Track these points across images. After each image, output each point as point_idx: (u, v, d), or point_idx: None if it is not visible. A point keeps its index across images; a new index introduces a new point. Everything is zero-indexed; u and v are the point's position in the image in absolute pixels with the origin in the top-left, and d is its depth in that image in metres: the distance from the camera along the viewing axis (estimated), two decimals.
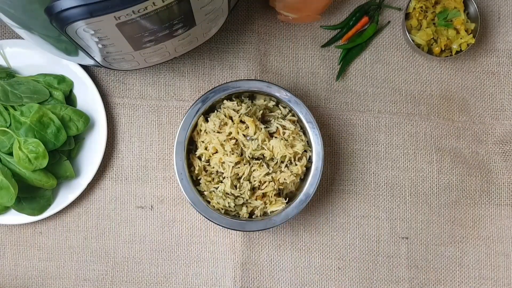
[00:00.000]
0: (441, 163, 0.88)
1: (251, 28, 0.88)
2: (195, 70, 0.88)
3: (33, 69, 0.84)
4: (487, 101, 0.89)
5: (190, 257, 0.85)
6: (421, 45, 0.85)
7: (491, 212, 0.87)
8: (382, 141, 0.88)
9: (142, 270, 0.85)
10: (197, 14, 0.66)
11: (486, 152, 0.88)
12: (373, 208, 0.87)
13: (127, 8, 0.56)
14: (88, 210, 0.85)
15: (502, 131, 0.88)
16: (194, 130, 0.80)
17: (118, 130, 0.86)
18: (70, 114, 0.81)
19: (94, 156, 0.83)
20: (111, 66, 0.77)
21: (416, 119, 0.88)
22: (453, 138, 0.88)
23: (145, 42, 0.67)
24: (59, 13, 0.57)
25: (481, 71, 0.89)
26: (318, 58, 0.88)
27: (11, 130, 0.78)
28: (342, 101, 0.88)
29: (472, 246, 0.87)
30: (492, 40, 0.90)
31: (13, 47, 0.84)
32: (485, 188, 0.87)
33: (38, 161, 0.77)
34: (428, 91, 0.88)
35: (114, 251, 0.85)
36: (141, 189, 0.86)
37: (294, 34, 0.88)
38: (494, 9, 0.90)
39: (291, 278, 0.85)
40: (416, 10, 0.85)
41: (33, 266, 0.85)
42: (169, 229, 0.86)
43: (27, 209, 0.81)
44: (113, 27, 0.60)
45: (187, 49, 0.78)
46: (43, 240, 0.85)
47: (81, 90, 0.84)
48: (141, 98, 0.87)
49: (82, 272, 0.85)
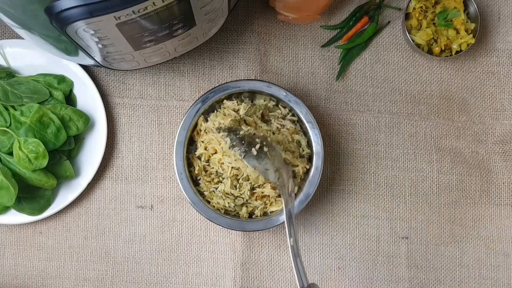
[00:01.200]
0: (441, 163, 0.88)
1: (251, 28, 0.88)
2: (195, 70, 0.88)
3: (33, 69, 0.84)
4: (487, 101, 0.89)
5: (190, 257, 0.85)
6: (421, 45, 0.85)
7: (491, 212, 0.87)
8: (382, 141, 0.88)
9: (142, 270, 0.85)
10: (197, 14, 0.66)
11: (486, 152, 0.88)
12: (373, 208, 0.87)
13: (127, 8, 0.56)
14: (88, 210, 0.85)
15: (502, 131, 0.88)
16: (194, 130, 0.80)
17: (118, 130, 0.86)
18: (70, 114, 0.81)
19: (94, 156, 0.83)
20: (111, 66, 0.77)
21: (416, 119, 0.88)
22: (453, 138, 0.88)
23: (145, 42, 0.67)
24: (59, 13, 0.57)
25: (481, 71, 0.89)
26: (318, 58, 0.88)
27: (11, 130, 0.78)
28: (342, 101, 0.88)
29: (472, 246, 0.87)
30: (492, 40, 0.90)
31: (13, 47, 0.84)
32: (485, 188, 0.87)
33: (38, 161, 0.77)
34: (428, 91, 0.88)
35: (114, 251, 0.85)
36: (141, 189, 0.86)
37: (294, 34, 0.88)
38: (494, 9, 0.90)
39: (291, 278, 0.85)
40: (416, 10, 0.85)
41: (33, 266, 0.85)
42: (169, 229, 0.86)
43: (27, 209, 0.81)
44: (113, 27, 0.60)
45: (187, 49, 0.78)
46: (43, 240, 0.85)
47: (81, 90, 0.84)
48: (141, 98, 0.87)
49: (82, 272, 0.85)
